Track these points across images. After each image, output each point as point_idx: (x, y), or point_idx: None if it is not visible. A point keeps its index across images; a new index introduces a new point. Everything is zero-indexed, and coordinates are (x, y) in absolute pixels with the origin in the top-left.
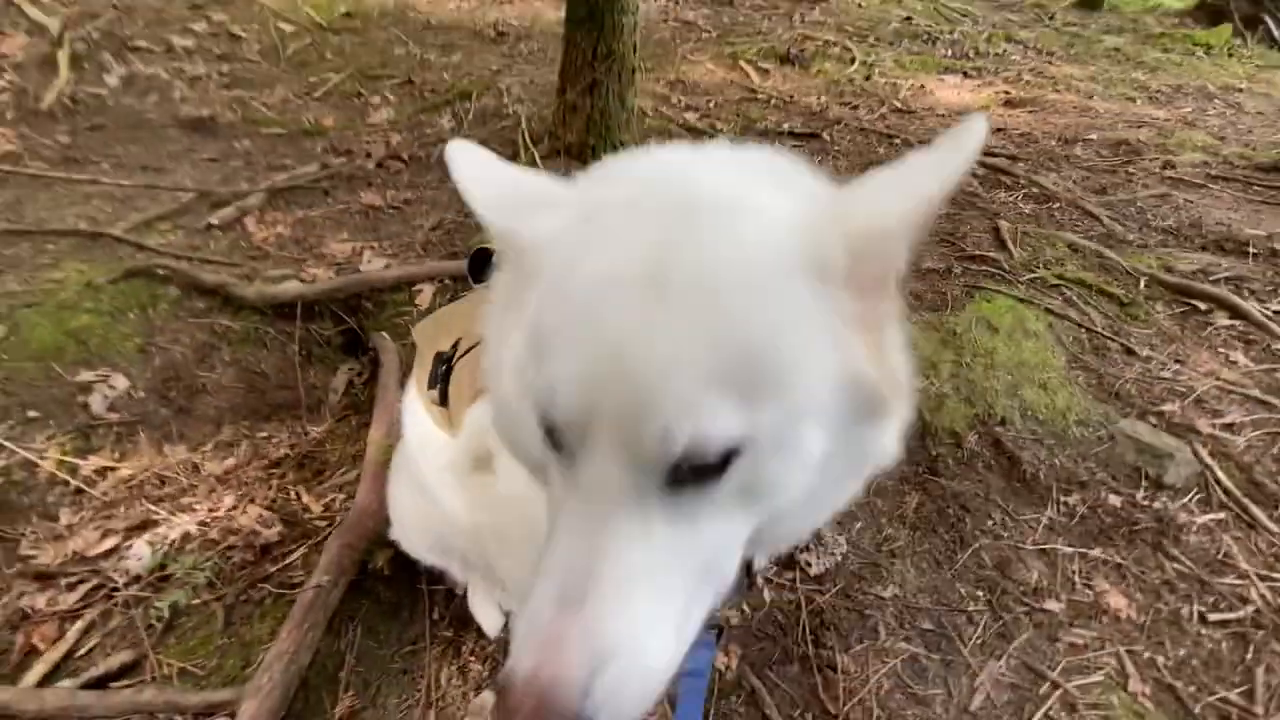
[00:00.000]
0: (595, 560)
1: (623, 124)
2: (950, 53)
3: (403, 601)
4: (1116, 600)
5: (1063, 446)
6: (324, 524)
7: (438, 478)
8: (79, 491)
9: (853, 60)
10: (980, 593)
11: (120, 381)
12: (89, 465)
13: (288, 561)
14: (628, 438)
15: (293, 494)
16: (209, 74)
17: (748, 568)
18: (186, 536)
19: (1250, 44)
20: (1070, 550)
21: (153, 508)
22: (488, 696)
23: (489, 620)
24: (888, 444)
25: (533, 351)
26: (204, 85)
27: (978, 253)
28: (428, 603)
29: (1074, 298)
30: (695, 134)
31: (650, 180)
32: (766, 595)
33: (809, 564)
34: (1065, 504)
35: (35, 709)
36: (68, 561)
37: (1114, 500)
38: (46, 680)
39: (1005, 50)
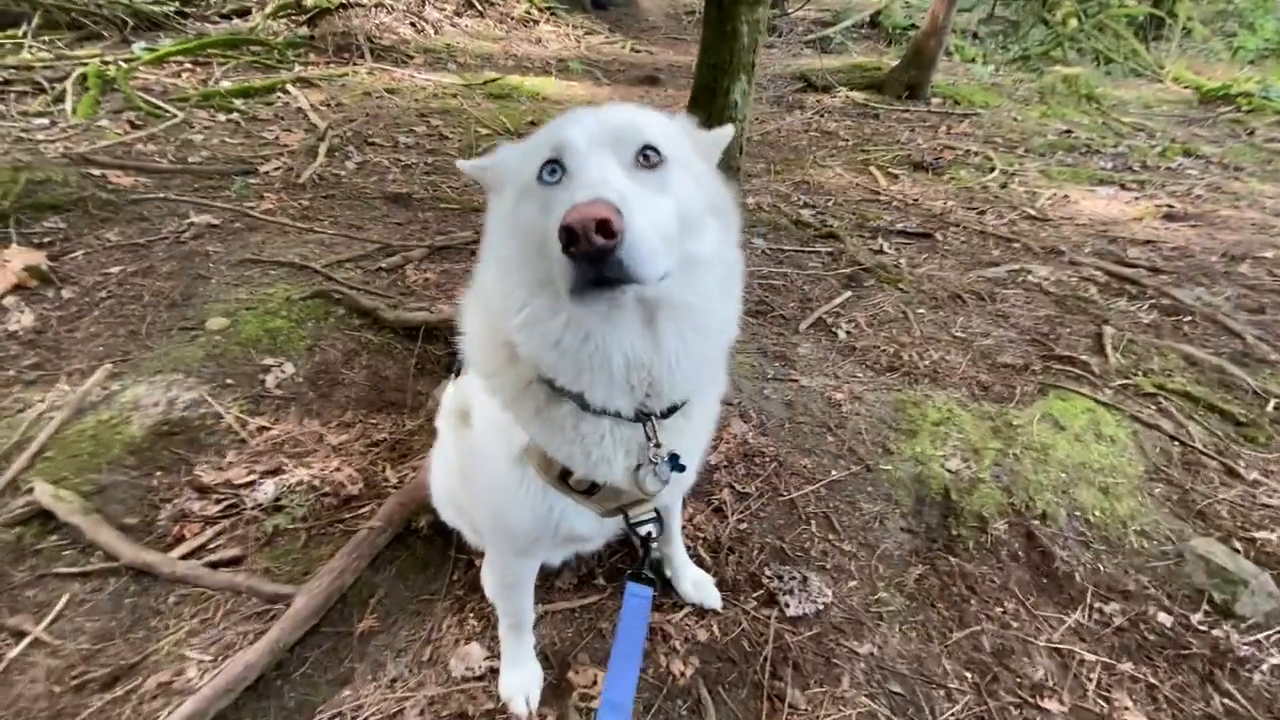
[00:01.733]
0: (605, 177)
1: None
2: (1111, 165)
3: (432, 559)
4: None
5: (1113, 554)
6: (394, 490)
7: (443, 432)
8: (241, 441)
9: (991, 169)
10: (969, 674)
11: (289, 368)
12: (253, 424)
13: (359, 511)
14: (616, 144)
15: (380, 466)
16: (417, 163)
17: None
18: (300, 482)
19: None
20: (1093, 658)
21: (284, 460)
22: (475, 648)
23: (491, 586)
24: (731, 247)
25: (531, 157)
26: (411, 171)
27: (1066, 354)
28: (451, 565)
29: (1171, 409)
30: (804, 226)
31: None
32: (742, 623)
33: (788, 604)
34: (1100, 611)
35: (169, 572)
36: (220, 485)
37: (1163, 619)
38: (183, 557)
39: (1180, 164)
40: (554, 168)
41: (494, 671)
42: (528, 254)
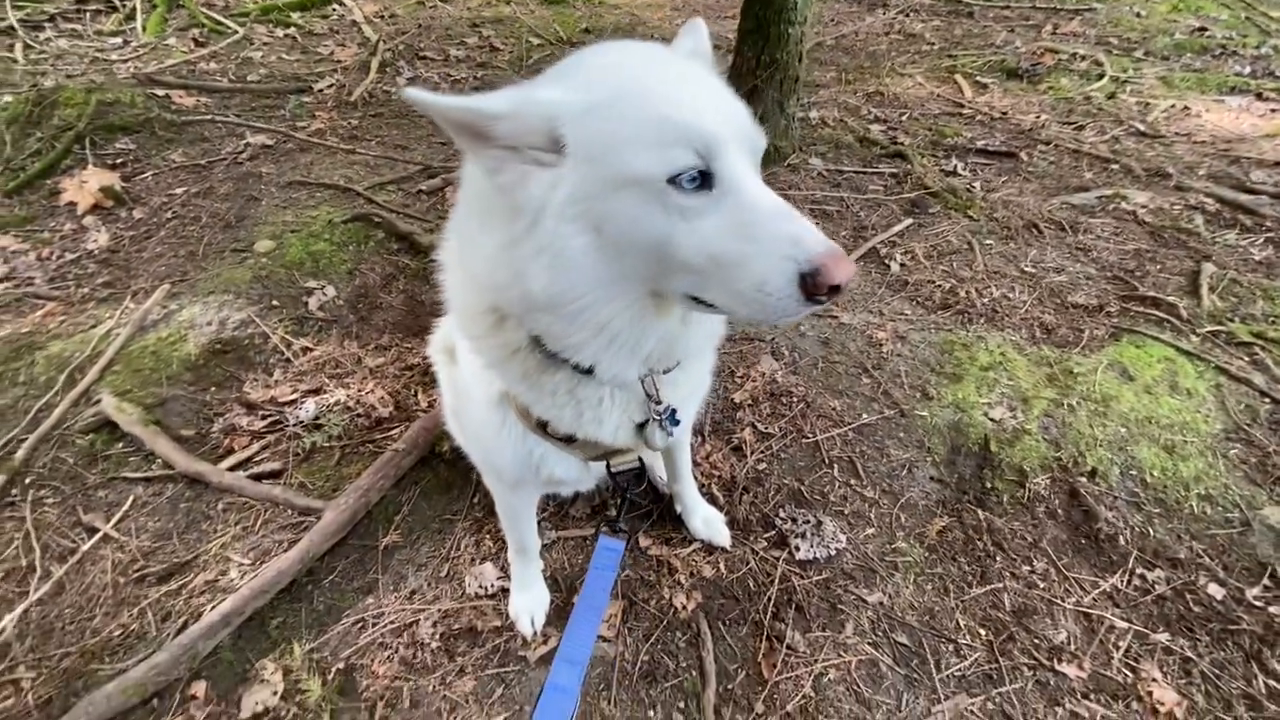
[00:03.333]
0: (782, 203)
1: (781, 130)
2: (1249, 70)
3: (454, 482)
4: (1165, 694)
5: (1167, 518)
6: (422, 414)
7: (436, 367)
8: (287, 360)
9: (1100, 76)
10: (983, 631)
11: (330, 291)
12: (297, 345)
13: (389, 433)
14: (751, 153)
15: (412, 390)
16: (467, 77)
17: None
18: (337, 402)
19: None
20: (1125, 625)
21: (325, 380)
22: (489, 568)
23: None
24: None
25: (646, 146)
26: (460, 86)
27: (1151, 294)
28: (472, 488)
29: (1269, 362)
30: (870, 145)
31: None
32: (750, 562)
33: (798, 548)
34: (1142, 577)
35: (218, 481)
36: (266, 402)
37: (1214, 590)
38: (231, 468)
39: None
40: (695, 176)
41: (505, 591)
42: (623, 257)
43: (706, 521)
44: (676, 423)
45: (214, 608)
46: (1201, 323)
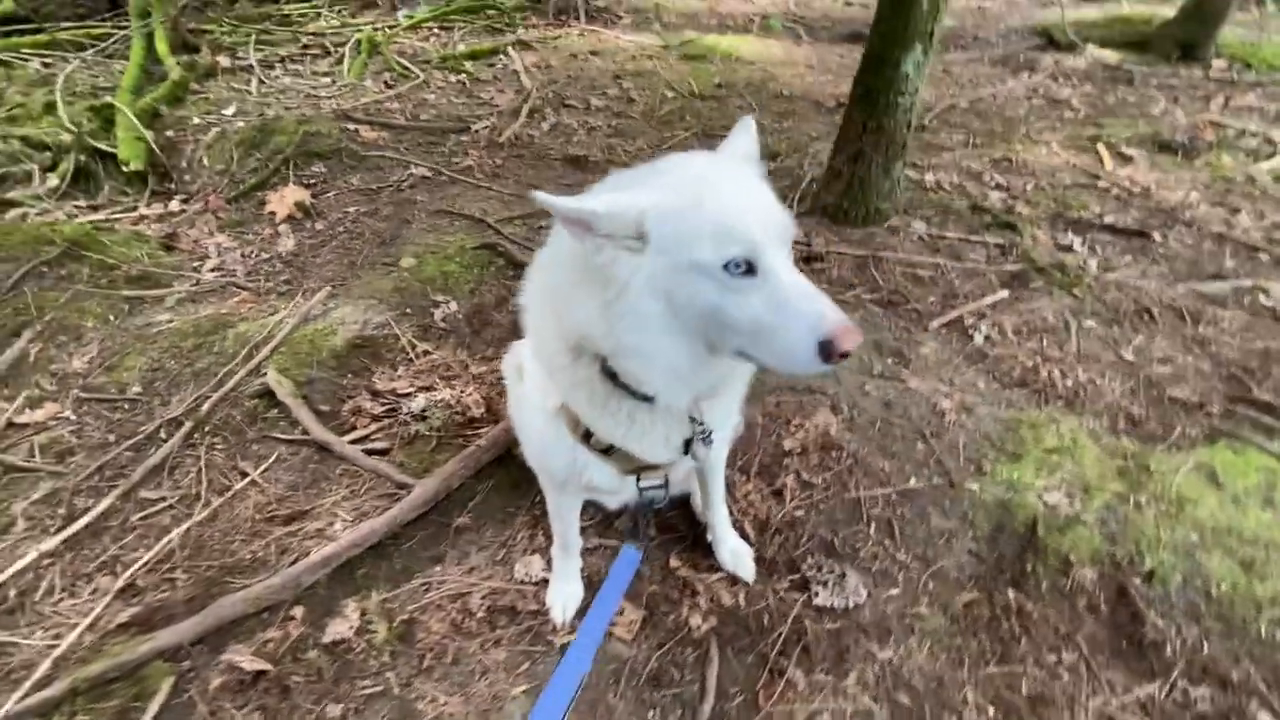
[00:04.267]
0: (809, 286)
1: (883, 192)
2: None
3: (521, 482)
4: None
5: (1227, 635)
6: (507, 419)
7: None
8: (410, 359)
9: (1271, 155)
10: (991, 709)
11: (453, 306)
12: (420, 347)
13: (479, 431)
14: (783, 245)
15: (502, 397)
16: (601, 126)
17: None
18: (442, 400)
19: None
20: None
21: (437, 380)
22: (537, 560)
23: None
24: None
25: (707, 242)
26: (594, 133)
27: (1266, 398)
28: (534, 491)
29: None
30: (981, 212)
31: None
32: (768, 598)
33: (817, 593)
34: (1184, 692)
35: (339, 451)
36: (388, 392)
37: (1264, 718)
38: (351, 441)
39: None
40: (741, 265)
41: (546, 582)
42: (686, 319)
43: (734, 553)
44: (712, 442)
45: (318, 551)
46: None
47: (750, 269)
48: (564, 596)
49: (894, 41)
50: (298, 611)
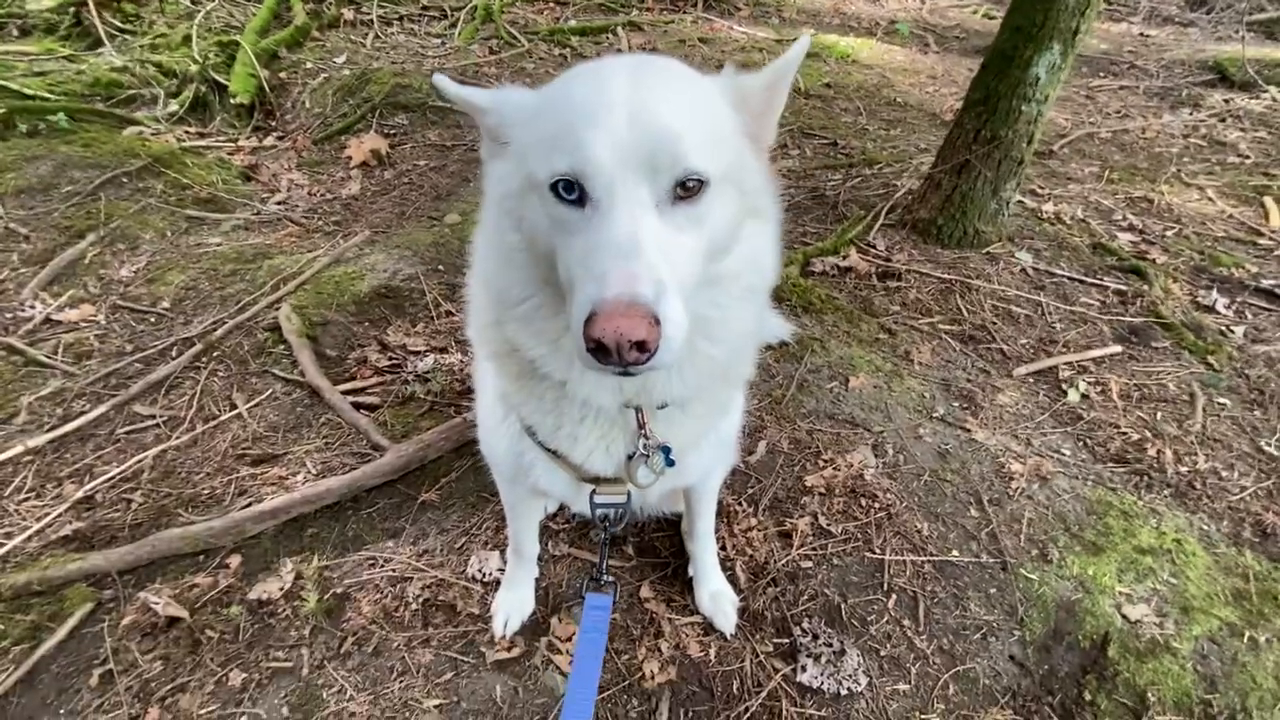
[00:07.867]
0: (640, 241)
1: (988, 213)
2: None
3: None
4: None
5: None
6: None
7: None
8: (431, 318)
9: None
10: None
11: None
12: (443, 307)
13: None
14: (651, 173)
15: None
16: None
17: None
18: (450, 365)
19: None
20: None
21: (452, 343)
22: (495, 556)
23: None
24: (765, 242)
25: (541, 150)
26: None
27: None
28: None
29: None
30: (1104, 253)
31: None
32: (744, 660)
33: (804, 667)
34: None
35: (328, 398)
36: (398, 347)
37: None
38: (345, 391)
39: None
40: (571, 186)
41: (498, 584)
42: (536, 253)
43: (714, 597)
44: (671, 463)
45: (270, 500)
46: None
47: (582, 198)
48: (510, 605)
49: (1027, 37)
50: (233, 561)
